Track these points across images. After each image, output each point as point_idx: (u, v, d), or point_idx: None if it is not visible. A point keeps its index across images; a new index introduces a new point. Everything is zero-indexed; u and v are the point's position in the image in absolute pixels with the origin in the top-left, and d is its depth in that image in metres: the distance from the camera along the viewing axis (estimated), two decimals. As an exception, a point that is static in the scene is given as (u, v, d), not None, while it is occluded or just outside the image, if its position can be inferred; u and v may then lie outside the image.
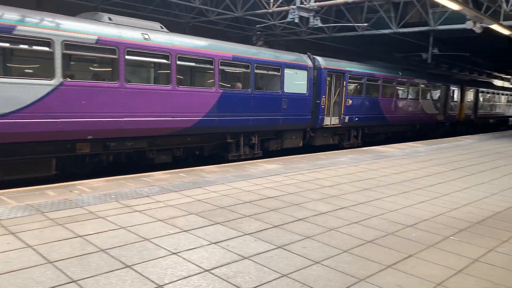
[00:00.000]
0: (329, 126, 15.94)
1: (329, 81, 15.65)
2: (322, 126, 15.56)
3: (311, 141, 15.59)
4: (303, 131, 15.14)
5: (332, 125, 16.07)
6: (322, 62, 15.31)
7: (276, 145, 14.19)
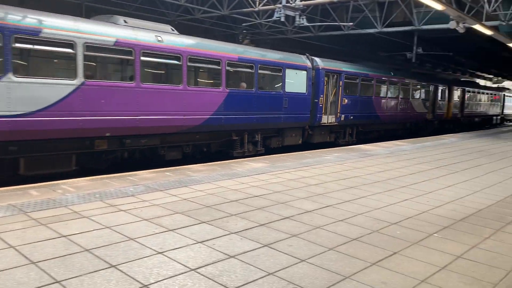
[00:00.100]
0: (326, 124, 16.44)
1: (326, 81, 16.16)
2: (320, 124, 16.08)
3: (309, 138, 16.11)
4: (302, 129, 15.67)
5: (329, 123, 16.59)
6: (320, 62, 15.83)
7: (277, 142, 14.68)
